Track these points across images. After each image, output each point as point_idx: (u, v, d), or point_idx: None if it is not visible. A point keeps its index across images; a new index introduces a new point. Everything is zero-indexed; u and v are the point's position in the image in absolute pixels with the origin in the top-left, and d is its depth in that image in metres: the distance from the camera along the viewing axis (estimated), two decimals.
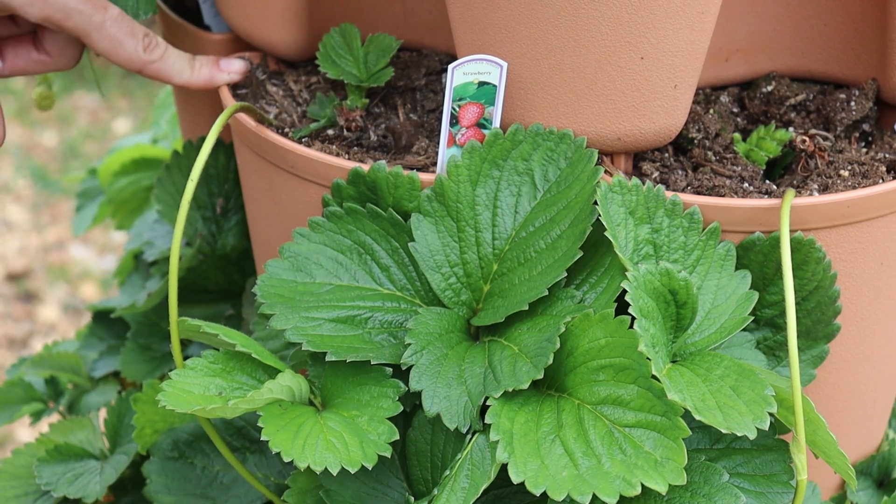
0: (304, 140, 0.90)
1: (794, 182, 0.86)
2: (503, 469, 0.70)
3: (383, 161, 0.83)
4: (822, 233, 0.80)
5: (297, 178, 0.87)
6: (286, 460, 0.72)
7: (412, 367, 0.75)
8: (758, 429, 0.70)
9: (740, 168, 0.87)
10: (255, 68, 0.98)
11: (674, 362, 0.75)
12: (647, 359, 0.70)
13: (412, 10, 1.00)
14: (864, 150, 0.91)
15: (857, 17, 0.91)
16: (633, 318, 0.71)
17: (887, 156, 0.89)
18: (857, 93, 0.92)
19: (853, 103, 0.91)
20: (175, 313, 0.82)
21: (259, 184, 0.92)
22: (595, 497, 0.67)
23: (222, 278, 1.11)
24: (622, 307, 0.73)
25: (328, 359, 0.77)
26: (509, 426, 0.71)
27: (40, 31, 0.90)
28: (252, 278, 1.07)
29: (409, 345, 0.76)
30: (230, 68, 0.95)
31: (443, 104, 0.92)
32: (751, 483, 0.76)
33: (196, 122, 1.14)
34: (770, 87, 0.95)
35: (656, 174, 0.85)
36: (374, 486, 0.79)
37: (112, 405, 1.06)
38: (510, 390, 0.72)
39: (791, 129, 0.91)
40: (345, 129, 0.91)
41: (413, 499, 0.78)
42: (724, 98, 0.95)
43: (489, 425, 0.71)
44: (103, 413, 1.10)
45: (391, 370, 0.78)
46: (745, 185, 0.85)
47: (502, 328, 0.78)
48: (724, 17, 0.91)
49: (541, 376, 0.72)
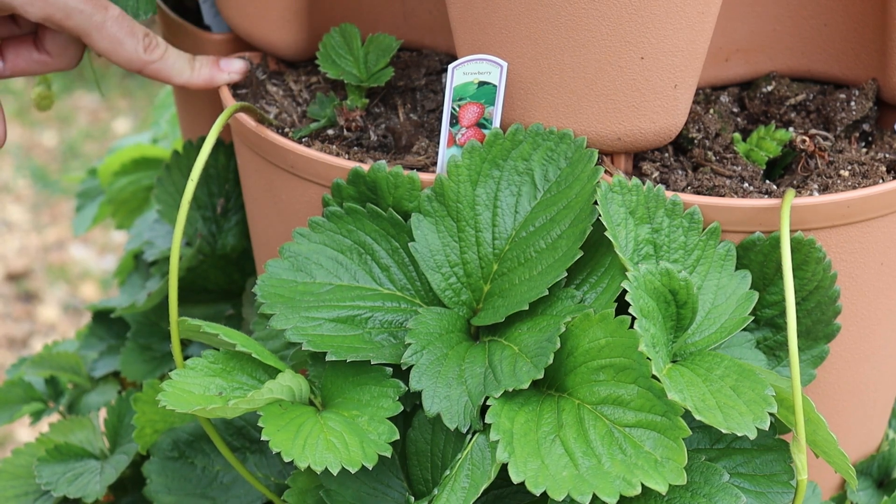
0: (304, 140, 0.90)
1: (795, 182, 0.86)
2: (503, 469, 0.70)
3: (383, 161, 0.83)
4: (822, 233, 0.80)
5: (297, 178, 0.87)
6: (286, 460, 0.72)
7: (412, 366, 0.75)
8: (758, 429, 0.70)
9: (740, 168, 0.87)
10: (255, 68, 0.98)
11: (674, 362, 0.75)
12: (648, 359, 0.70)
13: (412, 10, 1.00)
14: (864, 150, 0.91)
15: (857, 17, 0.91)
16: (634, 318, 0.71)
17: (887, 156, 0.89)
18: (857, 93, 0.92)
19: (853, 103, 0.91)
20: (175, 313, 0.82)
21: (259, 184, 0.92)
22: (595, 497, 0.67)
23: (222, 278, 1.11)
24: (622, 307, 0.73)
25: (328, 359, 0.77)
26: (509, 426, 0.71)
27: (41, 31, 0.90)
28: (252, 278, 1.07)
29: (410, 345, 0.76)
30: (230, 68, 0.95)
31: (443, 104, 0.92)
32: (751, 483, 0.76)
33: (196, 122, 1.13)
34: (770, 87, 0.95)
35: (656, 174, 0.85)
36: (374, 485, 0.79)
37: (112, 405, 1.06)
38: (510, 390, 0.72)
39: (791, 129, 0.91)
40: (345, 129, 0.91)
41: (413, 499, 0.78)
42: (725, 98, 0.95)
43: (489, 425, 0.71)
44: (103, 413, 1.10)
45: (391, 370, 0.78)
46: (746, 185, 0.85)
47: (502, 328, 0.78)
48: (724, 17, 0.91)
49: (541, 376, 0.72)
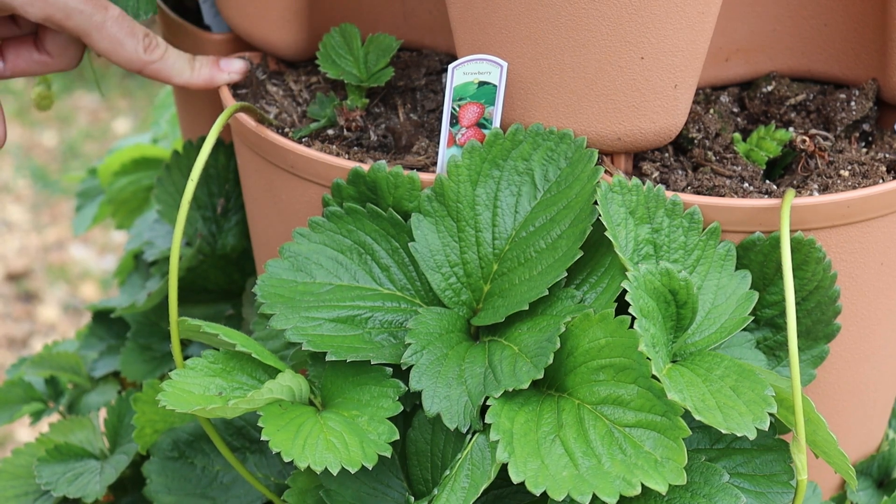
0: (304, 140, 0.90)
1: (795, 182, 0.86)
2: (503, 469, 0.70)
3: (383, 161, 0.83)
4: (823, 233, 0.80)
5: (297, 178, 0.87)
6: (286, 460, 0.72)
7: (412, 366, 0.75)
8: (758, 429, 0.70)
9: (740, 168, 0.87)
10: (256, 68, 0.98)
11: (674, 362, 0.75)
12: (648, 359, 0.70)
13: (412, 10, 1.00)
14: (864, 150, 0.91)
15: (857, 17, 0.91)
16: (634, 318, 0.71)
17: (887, 156, 0.89)
18: (857, 93, 0.92)
19: (853, 103, 0.91)
20: (175, 313, 0.81)
21: (259, 184, 0.92)
22: (595, 497, 0.67)
23: (222, 278, 1.11)
24: (622, 307, 0.73)
25: (328, 359, 0.77)
26: (509, 426, 0.71)
27: (41, 31, 0.90)
28: (252, 278, 1.07)
29: (410, 345, 0.76)
30: (230, 68, 0.95)
31: (443, 104, 0.92)
32: (751, 483, 0.76)
33: (196, 122, 1.13)
34: (770, 87, 0.95)
35: (656, 174, 0.85)
36: (374, 485, 0.79)
37: (112, 405, 1.06)
38: (510, 390, 0.72)
39: (791, 129, 0.91)
40: (345, 129, 0.91)
41: (413, 499, 0.78)
42: (725, 98, 0.95)
43: (489, 425, 0.71)
44: (103, 413, 1.10)
45: (391, 370, 0.78)
46: (746, 185, 0.84)
47: (502, 328, 0.78)
48: (724, 17, 0.91)
49: (541, 376, 0.72)
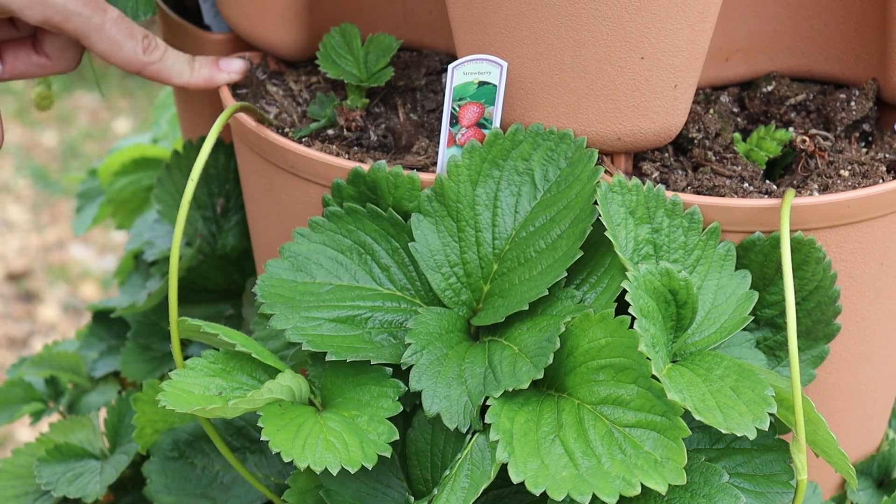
0: (304, 140, 0.90)
1: (795, 182, 0.86)
2: (503, 469, 0.70)
3: (383, 161, 0.83)
4: (822, 233, 0.80)
5: (297, 178, 0.87)
6: (286, 460, 0.72)
7: (412, 366, 0.75)
8: (758, 429, 0.69)
9: (740, 168, 0.87)
10: (256, 68, 0.98)
11: (674, 362, 0.75)
12: (647, 359, 0.70)
13: (412, 10, 1.00)
14: (865, 150, 0.91)
15: (857, 17, 0.91)
16: (633, 318, 0.71)
17: (887, 156, 0.89)
18: (857, 93, 0.92)
19: (853, 103, 0.91)
20: (175, 313, 0.81)
21: (259, 184, 0.92)
22: (595, 497, 0.67)
23: (222, 278, 1.11)
24: (622, 307, 0.73)
25: (328, 359, 0.77)
26: (509, 426, 0.71)
27: (40, 34, 0.90)
28: (252, 278, 1.07)
29: (409, 345, 0.76)
30: (230, 68, 0.94)
31: (443, 104, 0.92)
32: (751, 483, 0.76)
33: (196, 122, 1.13)
34: (770, 87, 0.95)
35: (656, 174, 0.85)
36: (374, 486, 0.79)
37: (112, 405, 1.06)
38: (510, 390, 0.72)
39: (791, 129, 0.91)
40: (345, 129, 0.91)
41: (413, 499, 0.78)
42: (725, 98, 0.95)
43: (489, 425, 0.71)
44: (103, 413, 1.10)
45: (391, 370, 0.78)
46: (746, 184, 0.84)
47: (502, 328, 0.78)
48: (724, 17, 0.91)
49: (541, 376, 0.72)
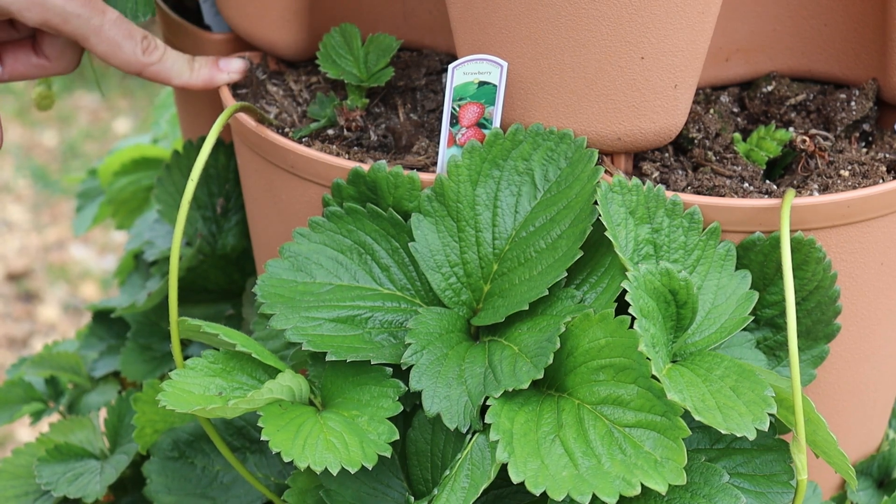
0: (304, 140, 0.90)
1: (795, 182, 0.86)
2: (503, 469, 0.70)
3: (383, 161, 0.83)
4: (823, 233, 0.80)
5: (298, 178, 0.87)
6: (286, 460, 0.72)
7: (412, 366, 0.75)
8: (757, 429, 0.69)
9: (740, 168, 0.87)
10: (256, 68, 0.98)
11: (674, 362, 0.75)
12: (647, 359, 0.70)
13: (412, 10, 1.00)
14: (865, 150, 0.91)
15: (857, 17, 0.91)
16: (633, 318, 0.71)
17: (887, 156, 0.89)
18: (857, 93, 0.92)
19: (853, 103, 0.91)
20: (175, 313, 0.81)
21: (259, 184, 0.92)
22: (595, 497, 0.67)
23: (222, 278, 1.11)
24: (622, 307, 0.73)
25: (328, 359, 0.77)
26: (509, 426, 0.71)
27: (39, 35, 0.90)
28: (252, 278, 1.07)
29: (410, 345, 0.76)
30: (229, 68, 0.94)
31: (443, 104, 0.92)
32: (751, 483, 0.76)
33: (196, 122, 1.13)
34: (770, 87, 0.95)
35: (656, 174, 0.85)
36: (374, 486, 0.79)
37: (112, 405, 1.06)
38: (510, 390, 0.72)
39: (791, 129, 0.91)
40: (345, 129, 0.91)
41: (413, 499, 0.78)
42: (725, 98, 0.95)
43: (489, 425, 0.71)
44: (103, 413, 1.10)
45: (391, 370, 0.78)
46: (746, 185, 0.84)
47: (502, 328, 0.78)
48: (724, 17, 0.91)
49: (541, 376, 0.72)
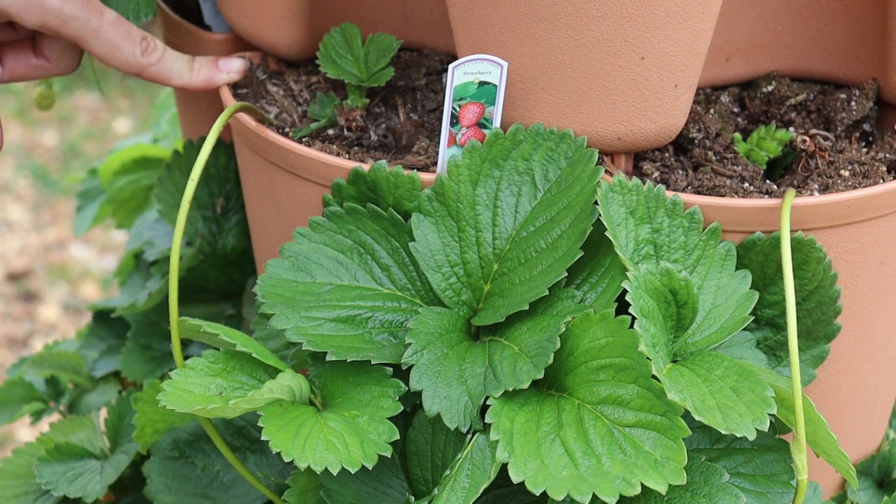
0: (304, 140, 0.90)
1: (795, 182, 0.86)
2: (503, 469, 0.70)
3: (384, 161, 0.83)
4: (823, 233, 0.80)
5: (298, 178, 0.87)
6: (286, 460, 0.72)
7: (412, 366, 0.75)
8: (757, 429, 0.69)
9: (741, 168, 0.87)
10: (256, 68, 0.98)
11: (674, 362, 0.75)
12: (648, 359, 0.70)
13: (413, 10, 1.00)
14: (865, 150, 0.91)
15: (857, 17, 0.91)
16: (634, 318, 0.71)
17: (888, 156, 0.89)
18: (857, 93, 0.92)
19: (854, 103, 0.91)
20: (175, 313, 0.81)
21: (259, 183, 0.92)
22: (595, 497, 0.67)
23: (223, 278, 1.11)
24: (622, 307, 0.73)
25: (328, 358, 0.77)
26: (509, 426, 0.71)
27: (39, 36, 0.90)
28: (252, 278, 1.07)
29: (410, 344, 0.76)
30: (229, 68, 0.94)
31: (443, 104, 0.92)
32: (751, 483, 0.76)
33: (196, 122, 1.13)
34: (770, 87, 0.95)
35: (657, 174, 0.85)
36: (374, 485, 0.79)
37: (112, 405, 1.06)
38: (510, 390, 0.72)
39: (791, 128, 0.91)
40: (345, 129, 0.91)
41: (413, 498, 0.78)
42: (725, 98, 0.95)
43: (489, 425, 0.71)
44: (104, 413, 1.10)
45: (391, 370, 0.78)
46: (746, 184, 0.84)
47: (503, 328, 0.78)
48: (724, 17, 0.91)
49: (541, 376, 0.72)
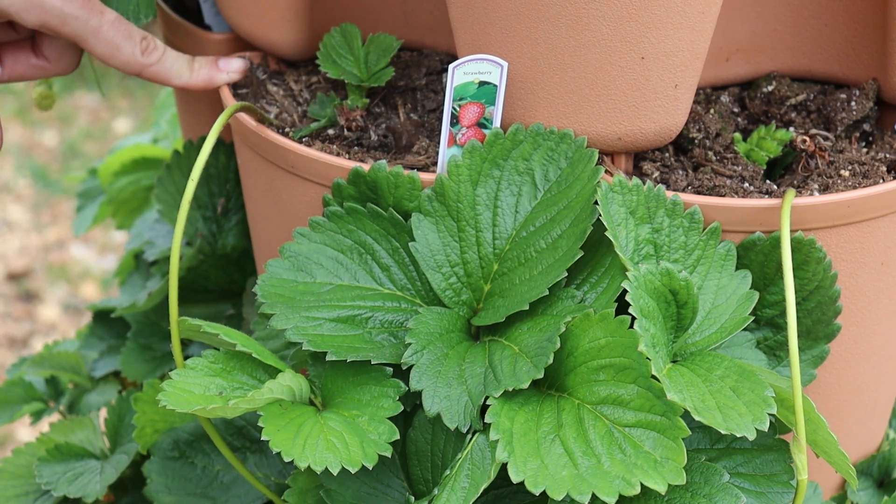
0: (304, 140, 0.90)
1: (795, 182, 0.86)
2: (503, 468, 0.70)
3: (384, 161, 0.83)
4: (823, 233, 0.80)
5: (298, 178, 0.87)
6: (286, 460, 0.72)
7: (412, 366, 0.75)
8: (757, 429, 0.69)
9: (741, 168, 0.87)
10: (256, 68, 0.98)
11: (674, 362, 0.75)
12: (647, 359, 0.70)
13: (413, 10, 1.00)
14: (865, 150, 0.91)
15: (857, 16, 0.91)
16: (634, 318, 0.71)
17: (888, 156, 0.89)
18: (857, 93, 0.92)
19: (854, 103, 0.91)
20: (175, 313, 0.81)
21: (259, 183, 0.92)
22: (594, 496, 0.67)
23: (223, 278, 1.11)
24: (623, 307, 0.73)
25: (329, 358, 0.77)
26: (509, 426, 0.71)
27: (39, 36, 0.90)
28: (252, 278, 1.07)
29: (410, 344, 0.76)
30: (229, 68, 0.94)
31: (443, 104, 0.92)
32: (751, 483, 0.76)
33: (196, 122, 1.13)
34: (771, 87, 0.95)
35: (657, 174, 0.85)
36: (374, 485, 0.79)
37: (112, 405, 1.06)
38: (510, 390, 0.72)
39: (792, 128, 0.91)
40: (345, 129, 0.91)
41: (413, 498, 0.78)
42: (725, 98, 0.95)
43: (489, 425, 0.71)
44: (104, 413, 1.10)
45: (391, 370, 0.78)
46: (746, 184, 0.84)
47: (503, 328, 0.78)
48: (724, 17, 0.91)
49: (541, 376, 0.72)
